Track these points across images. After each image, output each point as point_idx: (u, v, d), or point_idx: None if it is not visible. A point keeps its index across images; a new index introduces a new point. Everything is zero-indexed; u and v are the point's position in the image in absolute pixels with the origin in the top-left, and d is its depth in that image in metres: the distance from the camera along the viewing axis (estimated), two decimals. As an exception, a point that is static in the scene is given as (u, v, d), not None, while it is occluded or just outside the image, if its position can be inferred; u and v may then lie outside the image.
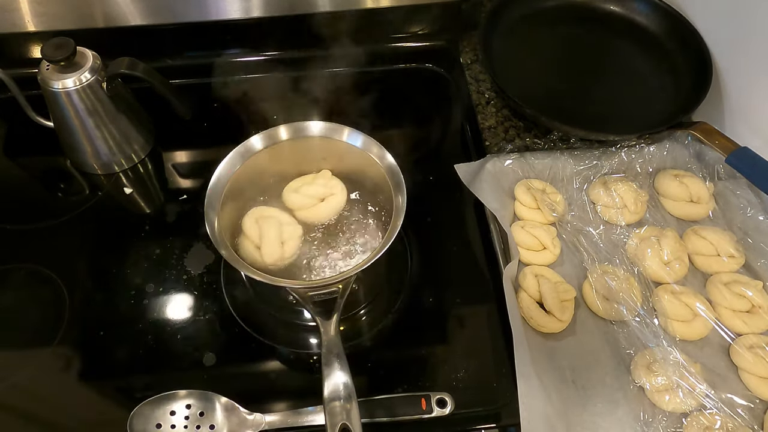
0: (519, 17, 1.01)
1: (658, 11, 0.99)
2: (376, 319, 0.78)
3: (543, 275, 0.77)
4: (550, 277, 0.77)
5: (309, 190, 0.77)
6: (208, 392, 0.69)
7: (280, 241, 0.73)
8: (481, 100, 0.97)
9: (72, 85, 0.80)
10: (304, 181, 0.79)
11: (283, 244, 0.73)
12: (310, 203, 0.77)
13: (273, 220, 0.75)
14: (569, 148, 0.88)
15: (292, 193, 0.78)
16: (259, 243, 0.73)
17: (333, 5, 0.97)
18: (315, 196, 0.77)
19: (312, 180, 0.79)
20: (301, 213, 0.77)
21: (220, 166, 0.73)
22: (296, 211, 0.77)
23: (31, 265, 0.81)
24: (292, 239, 0.74)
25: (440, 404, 0.68)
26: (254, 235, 0.73)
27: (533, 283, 0.76)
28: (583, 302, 0.77)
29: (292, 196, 0.78)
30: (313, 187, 0.78)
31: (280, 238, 0.73)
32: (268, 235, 0.73)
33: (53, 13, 0.91)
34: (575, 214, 0.83)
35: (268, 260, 0.72)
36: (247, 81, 1.02)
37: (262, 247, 0.72)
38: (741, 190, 0.85)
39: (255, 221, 0.75)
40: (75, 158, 0.91)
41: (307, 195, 0.77)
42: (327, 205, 0.77)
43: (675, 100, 0.92)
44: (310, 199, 0.77)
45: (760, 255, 0.79)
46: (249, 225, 0.74)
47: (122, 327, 0.76)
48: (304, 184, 0.78)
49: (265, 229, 0.73)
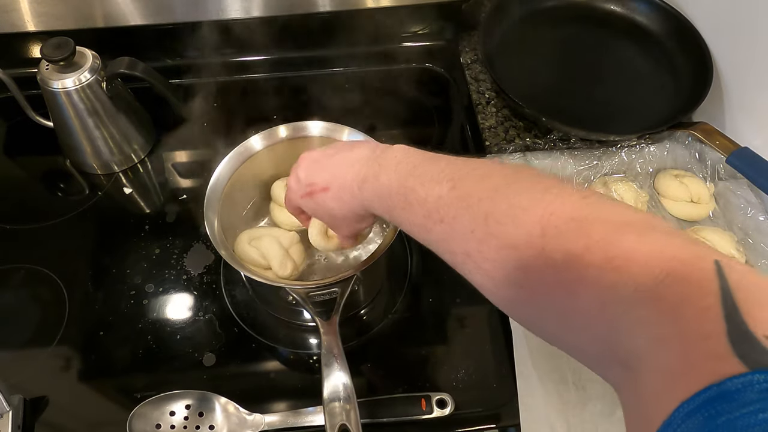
0: (519, 17, 1.01)
1: (659, 11, 0.99)
2: (376, 319, 0.78)
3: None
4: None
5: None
6: (207, 392, 0.69)
7: (285, 251, 0.72)
8: (481, 100, 0.97)
9: (71, 85, 0.80)
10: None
11: (289, 253, 0.73)
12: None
13: (266, 238, 0.73)
14: (569, 148, 0.88)
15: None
16: (267, 263, 0.72)
17: (333, 5, 0.97)
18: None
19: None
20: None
21: (220, 166, 0.73)
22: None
23: (31, 265, 0.81)
24: (293, 245, 0.74)
25: (440, 404, 0.68)
26: (257, 257, 0.72)
27: None
28: (584, 302, 0.77)
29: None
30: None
31: (282, 248, 0.72)
32: (270, 251, 0.71)
33: (53, 13, 0.91)
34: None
35: (284, 273, 0.71)
36: (247, 81, 1.02)
37: (272, 264, 0.71)
38: (741, 191, 0.85)
39: (248, 245, 0.73)
40: (74, 158, 0.91)
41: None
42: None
43: (675, 100, 0.92)
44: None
45: (761, 255, 0.79)
46: (246, 250, 0.73)
47: (122, 327, 0.76)
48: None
49: (265, 248, 0.72)
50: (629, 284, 0.32)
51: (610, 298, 0.33)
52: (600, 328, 0.34)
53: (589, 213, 0.37)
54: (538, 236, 0.37)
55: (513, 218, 0.39)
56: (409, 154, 0.49)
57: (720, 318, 0.28)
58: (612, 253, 0.34)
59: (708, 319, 0.28)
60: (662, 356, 0.29)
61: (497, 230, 0.40)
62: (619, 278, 0.33)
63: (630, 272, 0.33)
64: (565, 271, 0.36)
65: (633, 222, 0.36)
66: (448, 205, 0.43)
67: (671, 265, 0.32)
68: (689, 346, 0.28)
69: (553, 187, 0.40)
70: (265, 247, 0.72)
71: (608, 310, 0.33)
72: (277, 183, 0.78)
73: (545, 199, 0.38)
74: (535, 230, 0.38)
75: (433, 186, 0.44)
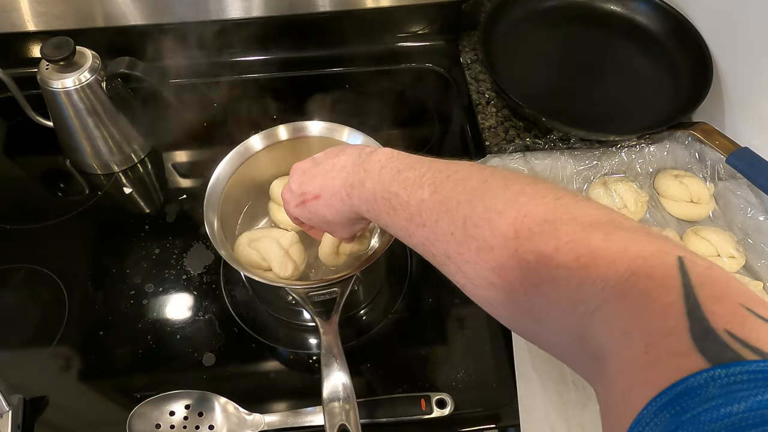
0: (519, 17, 1.01)
1: (659, 11, 0.99)
2: (376, 319, 0.78)
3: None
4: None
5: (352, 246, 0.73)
6: (207, 392, 0.69)
7: (285, 251, 0.72)
8: (481, 100, 0.97)
9: (71, 85, 0.80)
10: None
11: (289, 253, 0.73)
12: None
13: (265, 239, 0.73)
14: (569, 148, 0.88)
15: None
16: (267, 264, 0.71)
17: (333, 5, 0.96)
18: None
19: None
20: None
21: (219, 166, 0.73)
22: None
23: (31, 265, 0.81)
24: (293, 245, 0.73)
25: (440, 404, 0.68)
26: (257, 259, 0.72)
27: None
28: (583, 302, 0.77)
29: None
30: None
31: (282, 249, 0.72)
32: (270, 252, 0.71)
33: (53, 12, 0.91)
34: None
35: (285, 274, 0.70)
36: (247, 81, 1.02)
37: (273, 265, 0.71)
38: (741, 191, 0.85)
39: (248, 247, 0.73)
40: (74, 158, 0.91)
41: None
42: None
43: (675, 100, 0.92)
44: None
45: (761, 255, 0.79)
46: (245, 253, 0.72)
47: (121, 327, 0.76)
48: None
49: (265, 249, 0.72)
50: (597, 283, 0.33)
51: (580, 297, 0.34)
52: (572, 325, 0.35)
53: (561, 214, 0.38)
54: (512, 238, 0.38)
55: (489, 221, 0.40)
56: (393, 158, 0.50)
57: (683, 314, 0.29)
58: (580, 252, 0.35)
59: (671, 316, 0.29)
60: (629, 353, 0.30)
61: (475, 233, 0.41)
62: (587, 277, 0.34)
63: (597, 271, 0.34)
64: (537, 271, 0.37)
65: (601, 221, 0.37)
66: (430, 209, 0.44)
67: (636, 263, 0.33)
68: (654, 343, 0.29)
69: (528, 187, 0.41)
70: (264, 248, 0.72)
71: (578, 308, 0.34)
72: (276, 182, 0.78)
73: (519, 202, 0.39)
74: (509, 232, 0.39)
75: (416, 190, 0.45)
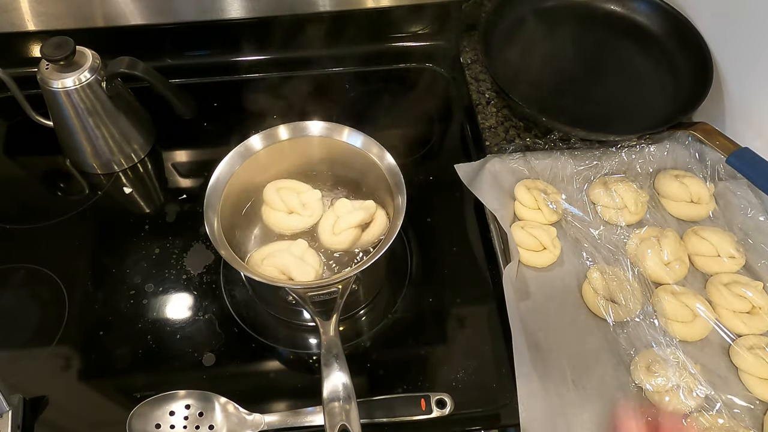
0: (519, 17, 1.01)
1: (659, 11, 0.99)
2: (375, 319, 0.78)
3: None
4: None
5: (348, 219, 0.74)
6: (207, 392, 0.69)
7: (300, 259, 0.72)
8: (481, 100, 0.97)
9: (71, 85, 0.80)
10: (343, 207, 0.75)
11: (304, 259, 0.72)
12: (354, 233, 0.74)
13: (278, 253, 0.72)
14: (569, 148, 0.88)
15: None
16: (287, 277, 0.71)
17: (333, 5, 0.96)
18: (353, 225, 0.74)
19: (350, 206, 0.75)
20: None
21: (219, 166, 0.73)
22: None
23: (31, 265, 0.81)
24: (305, 251, 0.73)
25: (440, 405, 0.68)
26: (276, 274, 0.71)
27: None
28: (583, 302, 0.77)
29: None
30: (352, 215, 0.74)
31: (296, 258, 0.72)
32: (287, 263, 0.71)
33: (53, 12, 0.91)
34: (575, 214, 0.83)
35: (309, 279, 0.70)
36: (247, 81, 1.02)
37: (293, 275, 0.70)
38: (741, 191, 0.85)
39: (262, 264, 0.72)
40: (74, 158, 0.91)
41: (347, 225, 0.74)
42: (369, 235, 0.75)
43: (675, 100, 0.92)
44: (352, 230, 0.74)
45: (761, 256, 0.79)
46: (264, 271, 0.71)
47: (122, 327, 0.76)
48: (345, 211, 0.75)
49: (281, 262, 0.71)
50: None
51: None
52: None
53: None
54: None
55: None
56: None
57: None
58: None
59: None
60: None
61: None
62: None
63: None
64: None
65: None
66: None
67: None
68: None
69: None
70: (280, 262, 0.71)
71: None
72: (269, 186, 0.78)
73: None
74: None
75: None
